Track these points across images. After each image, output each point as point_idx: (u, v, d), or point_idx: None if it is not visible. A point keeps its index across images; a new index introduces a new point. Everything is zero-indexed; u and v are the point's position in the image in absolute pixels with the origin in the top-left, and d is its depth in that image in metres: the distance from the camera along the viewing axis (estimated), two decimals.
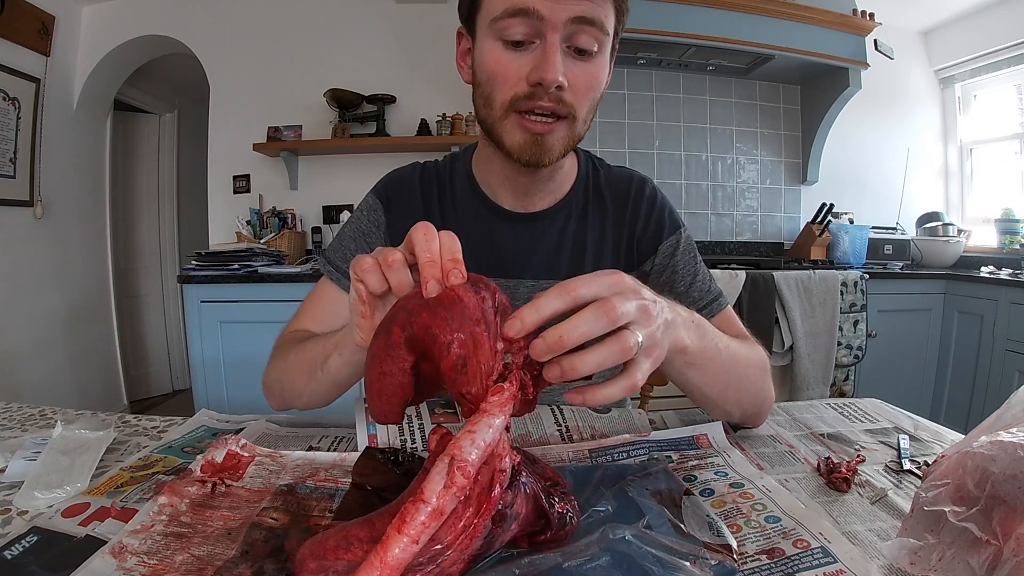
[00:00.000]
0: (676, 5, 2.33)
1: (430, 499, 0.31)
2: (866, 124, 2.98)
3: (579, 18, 0.57)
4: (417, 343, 0.37)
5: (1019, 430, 0.38)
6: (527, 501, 0.36)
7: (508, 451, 0.35)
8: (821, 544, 0.40)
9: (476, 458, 0.32)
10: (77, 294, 2.79)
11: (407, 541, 0.30)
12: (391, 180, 0.79)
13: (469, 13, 0.64)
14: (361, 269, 0.42)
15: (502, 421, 0.34)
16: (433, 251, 0.39)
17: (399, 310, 0.39)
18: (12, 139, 2.36)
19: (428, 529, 0.31)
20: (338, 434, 0.65)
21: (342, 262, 0.76)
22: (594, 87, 0.62)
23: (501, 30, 0.59)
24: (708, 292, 0.76)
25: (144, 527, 0.42)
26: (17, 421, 0.68)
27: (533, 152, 0.62)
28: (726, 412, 0.60)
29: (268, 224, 2.62)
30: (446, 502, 0.31)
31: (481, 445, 0.33)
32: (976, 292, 2.32)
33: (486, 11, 0.60)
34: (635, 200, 0.78)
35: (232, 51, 2.71)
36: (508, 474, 0.35)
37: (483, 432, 0.33)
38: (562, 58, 0.58)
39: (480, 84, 0.63)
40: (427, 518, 0.31)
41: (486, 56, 0.61)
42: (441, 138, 2.59)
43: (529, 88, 0.59)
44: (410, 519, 0.31)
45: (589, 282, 0.38)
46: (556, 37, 0.57)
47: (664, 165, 2.87)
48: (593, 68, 0.61)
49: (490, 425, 0.34)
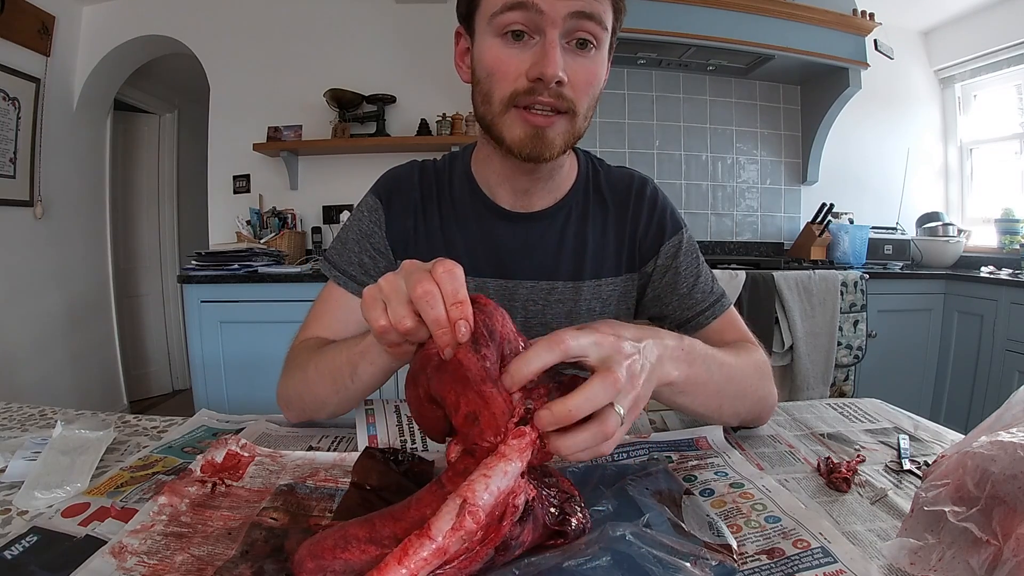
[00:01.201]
0: (676, 5, 2.33)
1: (436, 537, 0.31)
2: (866, 124, 2.98)
3: (578, 13, 0.57)
4: (436, 400, 0.39)
5: (1019, 430, 0.38)
6: (535, 529, 0.37)
7: (525, 487, 0.36)
8: (821, 544, 0.40)
9: (488, 503, 0.33)
10: (77, 294, 2.79)
11: (405, 574, 0.30)
12: (390, 178, 0.79)
13: (468, 11, 0.64)
14: (383, 330, 0.41)
15: (518, 467, 0.35)
16: (438, 312, 0.38)
17: (419, 370, 0.40)
18: (12, 139, 2.36)
19: (428, 566, 0.31)
20: (338, 434, 0.65)
21: (348, 265, 0.75)
22: (593, 83, 0.62)
23: (500, 25, 0.59)
24: (711, 293, 0.76)
25: (144, 527, 0.42)
26: (17, 421, 0.69)
27: (534, 145, 0.62)
28: (723, 422, 0.61)
29: (268, 224, 2.62)
30: (451, 543, 0.31)
31: (495, 491, 0.33)
32: (976, 292, 2.32)
33: (485, 7, 0.61)
34: (636, 201, 0.78)
35: (232, 51, 2.71)
36: (520, 510, 0.35)
37: (498, 478, 0.34)
38: (562, 53, 0.58)
39: (480, 81, 0.63)
40: (430, 555, 0.31)
41: (485, 52, 0.61)
42: (441, 138, 2.59)
43: (529, 83, 0.59)
44: (412, 552, 0.31)
45: (578, 337, 0.39)
46: (555, 32, 0.58)
47: (664, 165, 2.87)
48: (592, 64, 0.61)
49: (505, 471, 0.34)
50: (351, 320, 0.75)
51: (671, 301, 0.76)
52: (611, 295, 0.77)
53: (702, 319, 0.75)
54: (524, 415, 0.37)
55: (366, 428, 0.64)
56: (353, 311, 0.75)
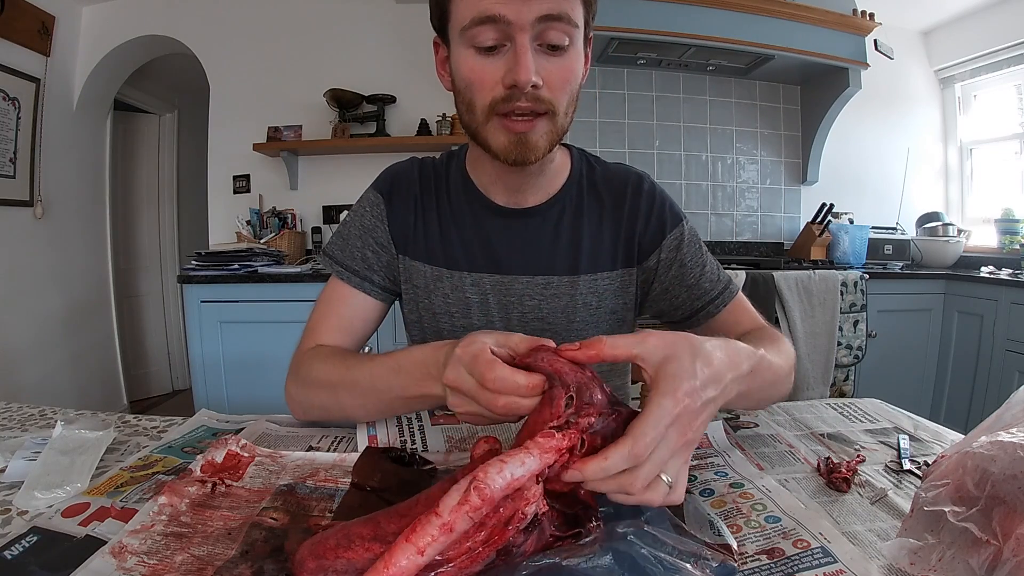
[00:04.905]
0: (676, 5, 2.32)
1: (442, 513, 0.31)
2: (866, 124, 2.98)
3: (546, 16, 0.57)
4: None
5: (1019, 430, 0.38)
6: (537, 542, 0.37)
7: (538, 500, 0.36)
8: (821, 544, 0.40)
9: (498, 486, 0.33)
10: (77, 294, 2.79)
11: (413, 551, 0.30)
12: (391, 174, 0.80)
13: (440, 24, 0.65)
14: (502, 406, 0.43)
15: (535, 463, 0.35)
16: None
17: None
18: (12, 139, 2.36)
19: (435, 542, 0.31)
20: (338, 434, 0.65)
21: (351, 260, 0.76)
22: (570, 80, 0.63)
23: (471, 38, 0.59)
24: (718, 281, 0.77)
25: (144, 527, 0.42)
26: (17, 421, 0.68)
27: (519, 151, 0.63)
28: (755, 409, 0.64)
29: (268, 224, 2.62)
30: (456, 518, 0.31)
31: (508, 477, 0.33)
32: (976, 292, 2.32)
33: (455, 21, 0.61)
34: (633, 197, 0.78)
35: (232, 51, 2.71)
36: (528, 520, 0.35)
37: (514, 465, 0.34)
38: (534, 56, 0.59)
39: (460, 91, 0.64)
40: (436, 531, 0.31)
41: (461, 65, 0.62)
42: (441, 138, 2.59)
43: (506, 91, 0.60)
44: (420, 530, 0.31)
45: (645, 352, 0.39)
46: (525, 38, 0.58)
47: (664, 165, 2.87)
48: (566, 62, 0.61)
49: (523, 461, 0.34)
50: (356, 317, 0.75)
51: (680, 293, 0.77)
52: (607, 289, 0.78)
53: (712, 308, 0.76)
54: (562, 424, 0.38)
55: (366, 428, 0.64)
56: (358, 307, 0.76)
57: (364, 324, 0.77)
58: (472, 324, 0.76)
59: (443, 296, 0.77)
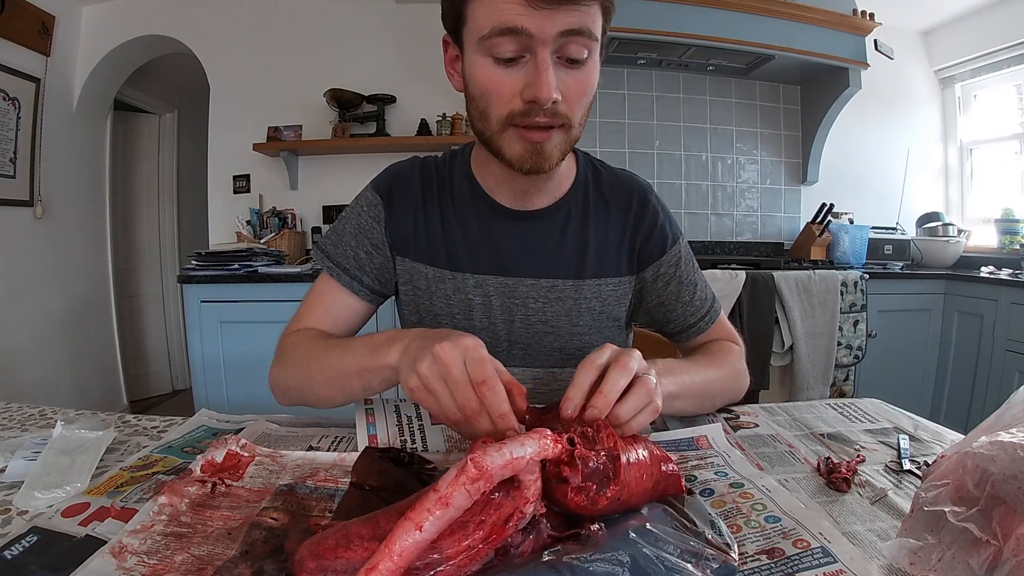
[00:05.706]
0: (676, 5, 2.33)
1: (439, 487, 0.32)
2: (866, 124, 2.98)
3: (569, 31, 0.56)
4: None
5: (1019, 430, 0.38)
6: (534, 543, 0.37)
7: (536, 500, 0.36)
8: (821, 544, 0.40)
9: (494, 463, 0.33)
10: (77, 294, 2.79)
11: (411, 526, 0.31)
12: (391, 174, 0.79)
13: (455, 26, 0.63)
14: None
15: (534, 448, 0.36)
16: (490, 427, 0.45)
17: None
18: (12, 139, 2.36)
19: (433, 517, 0.31)
20: (338, 434, 0.65)
21: (343, 258, 0.76)
22: (587, 92, 0.62)
23: (490, 47, 0.58)
24: (706, 300, 0.81)
25: (144, 527, 0.42)
26: (17, 421, 0.68)
27: (534, 161, 0.63)
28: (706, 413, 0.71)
29: (268, 224, 2.62)
30: (453, 491, 0.32)
31: (506, 456, 0.34)
32: (976, 292, 2.32)
33: (472, 27, 0.59)
34: (639, 207, 0.79)
35: (232, 51, 2.71)
36: (526, 519, 0.36)
37: (513, 445, 0.35)
38: (553, 69, 0.58)
39: (474, 98, 0.63)
40: (432, 505, 0.32)
41: (477, 73, 0.61)
42: (441, 138, 2.59)
43: (524, 105, 0.59)
44: (418, 506, 0.32)
45: (602, 354, 0.49)
46: (547, 52, 0.57)
47: (664, 165, 2.87)
48: (584, 75, 0.61)
49: (522, 443, 0.36)
50: (341, 314, 0.76)
51: (676, 308, 0.80)
52: (611, 294, 0.78)
53: (702, 324, 0.80)
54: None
55: (366, 428, 0.64)
56: (343, 305, 0.76)
57: (349, 322, 0.78)
58: (474, 326, 0.76)
59: (445, 298, 0.76)
